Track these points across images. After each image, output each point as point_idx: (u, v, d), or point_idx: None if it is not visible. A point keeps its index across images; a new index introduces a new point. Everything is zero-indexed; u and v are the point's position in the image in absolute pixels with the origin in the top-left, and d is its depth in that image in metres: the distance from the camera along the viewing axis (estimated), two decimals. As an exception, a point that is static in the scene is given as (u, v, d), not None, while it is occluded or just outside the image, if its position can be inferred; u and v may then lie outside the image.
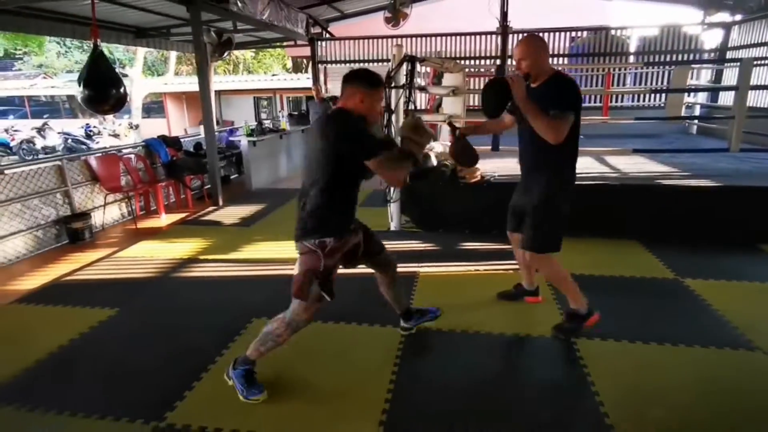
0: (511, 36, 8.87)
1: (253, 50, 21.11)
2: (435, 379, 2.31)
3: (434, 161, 4.66)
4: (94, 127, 15.32)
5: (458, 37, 9.29)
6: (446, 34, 9.34)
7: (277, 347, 2.14)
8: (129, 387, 2.28)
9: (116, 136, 15.18)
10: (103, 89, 4.19)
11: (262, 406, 2.11)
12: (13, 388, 2.28)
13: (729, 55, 8.04)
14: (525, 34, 2.46)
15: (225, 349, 2.57)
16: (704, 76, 8.53)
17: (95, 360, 2.55)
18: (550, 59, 2.61)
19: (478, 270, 3.65)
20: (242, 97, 16.29)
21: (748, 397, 2.12)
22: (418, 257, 3.91)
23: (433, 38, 9.38)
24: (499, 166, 4.85)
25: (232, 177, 7.78)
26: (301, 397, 2.18)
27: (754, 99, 6.94)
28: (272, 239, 4.52)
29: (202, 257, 4.07)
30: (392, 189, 4.45)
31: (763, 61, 6.60)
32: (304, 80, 14.74)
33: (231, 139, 7.91)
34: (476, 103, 9.29)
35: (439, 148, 4.84)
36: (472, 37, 9.21)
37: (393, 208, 4.65)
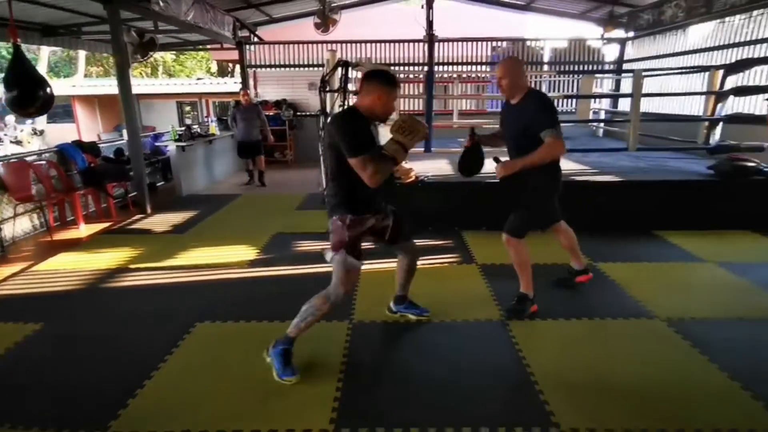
0: (436, 44, 9.33)
1: (174, 52, 20.13)
2: (383, 368, 2.43)
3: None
4: (-9, 134, 13.79)
5: (387, 44, 9.58)
6: (376, 41, 9.59)
7: (313, 323, 2.30)
8: (66, 400, 2.16)
9: (18, 143, 13.77)
10: (29, 90, 3.90)
11: (211, 405, 2.11)
12: (-74, 414, 2.08)
13: (625, 66, 9.04)
14: (505, 57, 2.86)
15: (168, 355, 2.51)
16: (606, 84, 9.53)
17: (25, 375, 2.37)
18: (474, 66, 2.95)
19: (418, 265, 3.82)
20: (163, 101, 15.45)
21: (651, 357, 2.46)
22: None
23: (363, 44, 9.59)
24: (432, 167, 5.11)
25: (158, 184, 7.40)
26: (252, 394, 2.19)
27: (647, 105, 7.87)
28: (209, 245, 4.40)
29: (133, 266, 3.88)
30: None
31: (652, 72, 7.50)
32: (232, 84, 14.32)
33: (156, 144, 7.53)
34: (407, 108, 9.65)
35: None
36: (401, 44, 9.54)
37: (331, 210, 4.72)
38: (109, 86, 14.37)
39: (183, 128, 7.27)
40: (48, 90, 4.19)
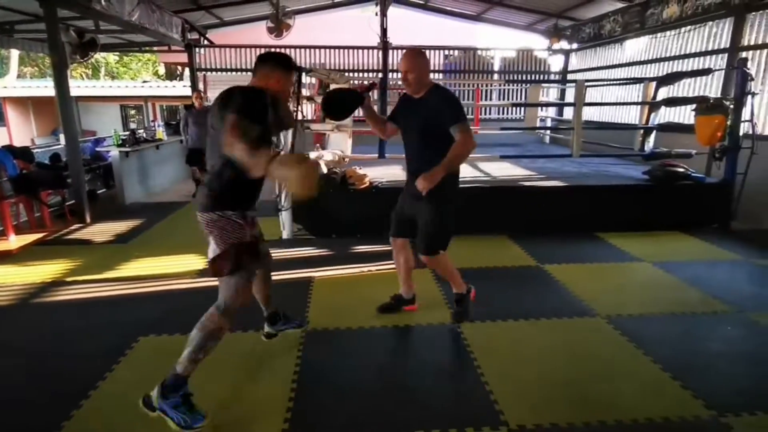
0: (391, 51, 9.43)
1: (118, 54, 19.22)
2: (336, 375, 2.40)
3: (324, 169, 4.79)
4: None
5: (341, 50, 9.59)
6: (330, 47, 9.58)
7: (211, 349, 1.98)
8: (8, 416, 2.00)
9: (-61, 147, 12.64)
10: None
11: (158, 422, 2.01)
12: None
13: (569, 76, 9.51)
14: (406, 50, 2.66)
15: (108, 372, 2.38)
16: (552, 93, 9.98)
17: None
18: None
19: (370, 270, 3.84)
20: (106, 104, 14.71)
21: (592, 352, 2.59)
22: (313, 263, 3.99)
23: (317, 50, 9.55)
24: (386, 173, 5.15)
25: (99, 192, 7.03)
26: (206, 404, 2.10)
27: (590, 114, 8.31)
28: (154, 255, 4.21)
29: (70, 279, 3.65)
30: (283, 198, 4.45)
31: (593, 83, 7.94)
32: (180, 88, 13.84)
33: (97, 149, 7.15)
34: (362, 114, 9.66)
35: (328, 156, 4.98)
36: (355, 50, 9.58)
37: (285, 217, 4.65)
38: (45, 87, 13.52)
39: (127, 132, 6.92)
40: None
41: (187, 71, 18.06)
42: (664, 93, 5.67)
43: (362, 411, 2.12)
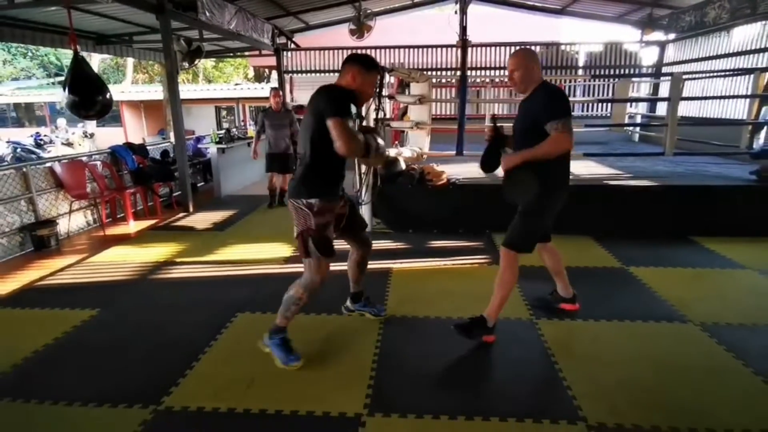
0: (470, 49, 9.37)
1: (214, 59, 20.92)
2: (414, 359, 2.52)
3: (403, 165, 4.93)
4: (45, 135, 14.71)
5: (420, 50, 9.70)
6: (409, 47, 9.73)
7: (297, 312, 2.38)
8: (122, 377, 2.37)
9: (70, 144, 14.64)
10: (88, 95, 4.25)
11: (254, 386, 2.26)
12: (4, 384, 2.31)
13: (665, 69, 8.83)
14: (517, 48, 2.64)
15: (213, 341, 2.69)
16: (643, 89, 9.32)
17: (84, 355, 2.60)
18: (506, 72, 2.80)
19: (446, 265, 3.91)
20: (202, 106, 16.10)
21: (683, 360, 2.46)
22: (391, 255, 4.14)
23: (397, 50, 9.75)
24: (463, 170, 5.17)
25: (199, 185, 7.76)
26: (293, 377, 2.34)
27: (686, 109, 7.68)
28: (247, 242, 4.62)
29: (178, 260, 4.13)
30: (363, 192, 4.65)
31: (692, 76, 7.32)
32: (268, 90, 14.81)
33: (199, 147, 7.90)
34: (440, 112, 9.73)
35: (407, 153, 5.12)
36: (434, 49, 9.64)
37: (364, 211, 4.85)
38: (155, 92, 15.10)
39: (222, 131, 7.57)
40: (107, 95, 4.54)
41: (274, 73, 19.20)
42: (778, 85, 5.12)
43: (438, 395, 2.21)
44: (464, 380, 2.33)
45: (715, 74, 7.04)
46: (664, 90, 8.37)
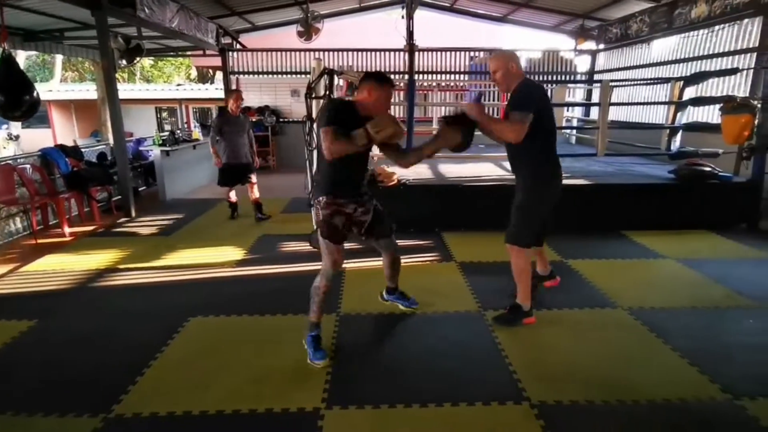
0: (417, 53, 9.60)
1: (152, 58, 19.99)
2: (369, 354, 2.60)
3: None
4: (-36, 138, 13.46)
5: (368, 53, 9.82)
6: (357, 50, 9.82)
7: (323, 300, 2.53)
8: (69, 387, 2.27)
9: (-8, 147, 13.47)
10: (15, 95, 3.97)
11: (210, 388, 2.25)
12: (-69, 403, 2.16)
13: (596, 77, 9.49)
14: (496, 51, 2.80)
15: (165, 346, 2.63)
16: (579, 94, 9.96)
17: (27, 366, 2.47)
18: (453, 75, 2.98)
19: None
20: (141, 107, 15.35)
21: (613, 341, 2.71)
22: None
23: (345, 53, 9.80)
24: (413, 171, 5.31)
25: (140, 189, 7.44)
26: (250, 377, 2.34)
27: (616, 114, 8.29)
28: (196, 246, 4.51)
29: (122, 266, 3.97)
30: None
31: (618, 83, 7.93)
32: (213, 90, 14.37)
33: (140, 149, 7.57)
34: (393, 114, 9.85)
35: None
36: (381, 52, 9.79)
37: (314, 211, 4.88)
38: (86, 91, 14.23)
39: (167, 133, 7.30)
40: (35, 94, 4.28)
41: (218, 74, 18.60)
42: (690, 92, 5.67)
43: (393, 385, 2.30)
44: (418, 371, 2.44)
45: (639, 82, 7.67)
46: (596, 95, 9.01)
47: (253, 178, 5.32)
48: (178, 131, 7.84)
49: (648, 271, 3.84)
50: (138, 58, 6.70)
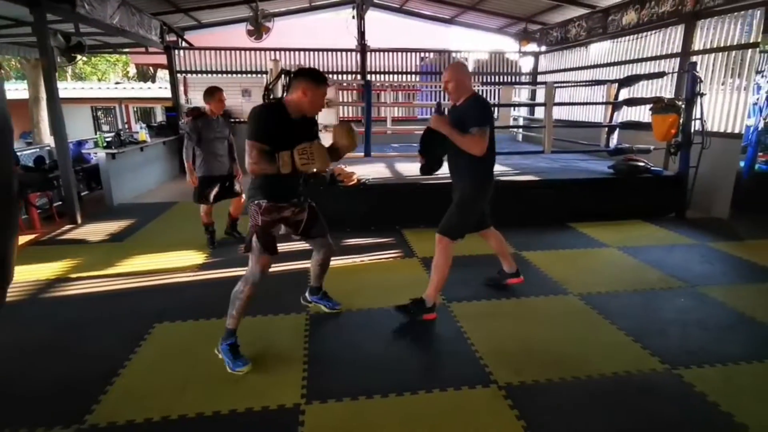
0: (369, 53, 9.72)
1: (86, 55, 18.81)
2: (342, 350, 2.68)
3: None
4: None
5: (321, 53, 9.80)
6: (309, 49, 9.77)
7: (244, 307, 2.46)
8: (34, 402, 2.19)
9: None
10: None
11: (186, 391, 2.24)
12: None
13: (539, 77, 10.02)
14: (394, 57, 2.96)
15: (132, 354, 2.58)
16: (524, 94, 10.46)
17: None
18: (404, 77, 3.14)
19: (362, 261, 4.12)
20: (75, 106, 14.44)
21: (567, 324, 2.95)
22: (307, 255, 4.20)
23: (297, 52, 9.74)
24: (372, 170, 5.43)
25: (83, 194, 7.03)
26: (227, 378, 2.36)
27: (559, 113, 8.81)
28: (153, 251, 4.37)
29: (74, 275, 3.79)
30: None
31: (561, 85, 8.43)
32: (156, 89, 13.79)
33: (81, 152, 7.16)
34: (345, 115, 9.91)
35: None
36: (334, 53, 9.81)
37: (277, 213, 4.87)
38: (15, 90, 13.22)
39: (112, 135, 6.96)
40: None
41: (159, 72, 17.82)
42: (625, 94, 6.15)
43: (369, 377, 2.39)
44: (391, 362, 2.55)
45: (578, 83, 8.20)
46: (541, 95, 9.51)
47: (238, 188, 4.50)
48: (122, 131, 7.47)
49: (593, 259, 4.17)
50: (79, 57, 6.34)
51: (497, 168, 5.90)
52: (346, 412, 2.14)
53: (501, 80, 10.43)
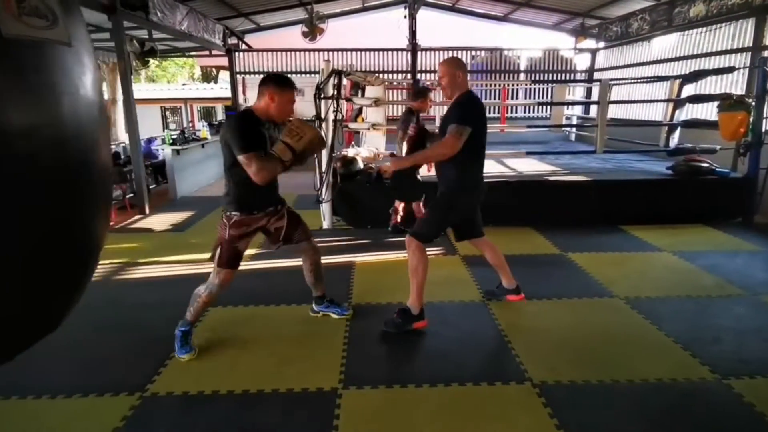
0: (420, 53, 9.77)
1: (159, 59, 20.18)
2: (380, 341, 2.77)
3: (360, 164, 5.17)
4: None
5: (372, 52, 9.98)
6: (361, 49, 9.98)
7: (201, 309, 2.55)
8: (104, 369, 2.46)
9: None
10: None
11: (238, 368, 2.43)
12: (-22, 384, 2.34)
13: (596, 75, 9.64)
14: (446, 57, 2.92)
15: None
16: (579, 92, 10.10)
17: (61, 353, 2.63)
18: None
19: (404, 257, 4.17)
20: (146, 106, 15.53)
21: (609, 327, 2.88)
22: (353, 250, 4.37)
23: (349, 53, 9.97)
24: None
25: (151, 187, 7.61)
26: (271, 361, 2.53)
27: (616, 111, 8.45)
28: (209, 241, 4.67)
29: (140, 260, 4.15)
30: (323, 191, 4.86)
31: (618, 82, 8.08)
32: (218, 90, 14.56)
33: (150, 148, 7.74)
34: (395, 113, 10.04)
35: (365, 152, 5.37)
36: (385, 52, 9.95)
37: (324, 208, 5.06)
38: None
39: (177, 132, 7.48)
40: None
41: (221, 74, 18.76)
42: (689, 90, 5.82)
43: (404, 368, 2.49)
44: (426, 355, 2.62)
45: (637, 80, 7.82)
46: (596, 94, 9.15)
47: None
48: (186, 129, 8.00)
49: (643, 262, 4.01)
50: (151, 60, 6.87)
51: (545, 167, 5.85)
52: (381, 399, 2.23)
53: (555, 79, 10.14)
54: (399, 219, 4.71)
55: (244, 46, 10.20)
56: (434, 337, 2.83)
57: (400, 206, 4.68)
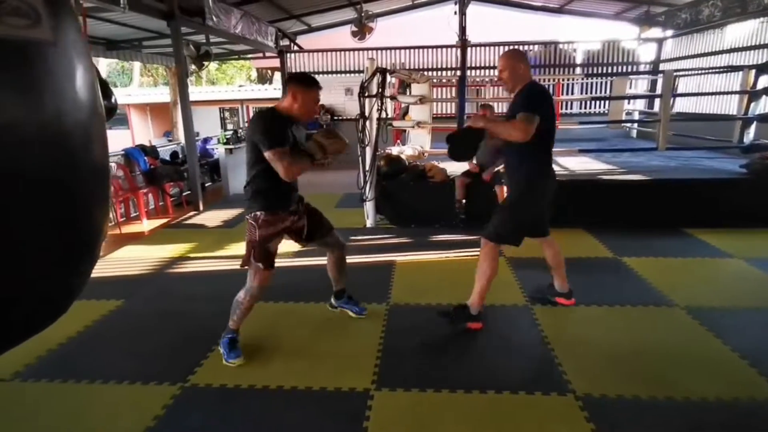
0: (469, 49, 9.56)
1: (218, 62, 21.14)
2: (417, 342, 2.72)
3: (405, 163, 5.14)
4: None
5: (421, 50, 9.89)
6: (410, 47, 9.92)
7: (244, 314, 2.54)
8: (151, 359, 2.58)
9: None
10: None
11: (274, 364, 2.48)
12: (41, 367, 2.53)
13: (662, 66, 8.99)
14: (506, 49, 2.77)
15: (231, 328, 2.90)
16: (641, 85, 9.48)
17: (114, 340, 2.82)
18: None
19: (448, 257, 4.11)
20: (205, 107, 16.31)
21: (666, 338, 2.66)
22: (394, 249, 4.34)
23: (398, 51, 9.94)
24: (462, 167, 5.36)
25: (207, 185, 7.98)
26: (306, 358, 2.55)
27: (683, 105, 7.85)
28: (257, 238, 4.82)
29: (192, 255, 4.35)
30: (367, 189, 4.86)
31: (684, 73, 7.49)
32: (272, 91, 15.02)
33: (206, 147, 8.13)
34: (441, 111, 9.90)
35: (409, 151, 5.32)
36: (434, 49, 9.83)
37: (368, 207, 5.06)
38: (160, 95, 15.34)
39: (230, 132, 7.78)
40: (113, 99, 4.72)
41: (276, 75, 19.33)
42: (765, 81, 5.29)
43: (439, 372, 2.41)
44: (463, 359, 2.54)
45: (706, 71, 7.21)
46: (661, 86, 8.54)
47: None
48: (240, 130, 8.30)
49: (709, 269, 3.68)
50: (207, 64, 7.19)
51: (599, 166, 5.52)
52: (413, 402, 2.18)
53: (614, 72, 9.58)
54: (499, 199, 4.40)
55: (295, 48, 10.44)
56: (473, 340, 2.74)
57: (502, 190, 4.37)
